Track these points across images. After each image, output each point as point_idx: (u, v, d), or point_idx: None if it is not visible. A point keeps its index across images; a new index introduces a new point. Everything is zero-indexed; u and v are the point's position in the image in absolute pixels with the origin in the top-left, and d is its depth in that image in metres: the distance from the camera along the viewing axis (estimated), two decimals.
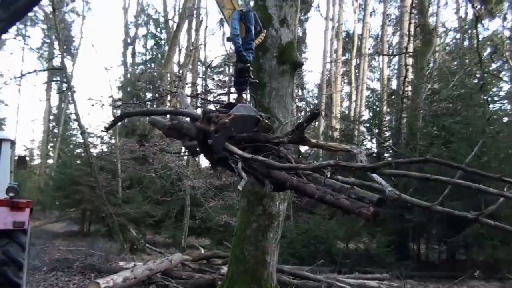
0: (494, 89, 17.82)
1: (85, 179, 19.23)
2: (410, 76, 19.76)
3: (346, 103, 35.37)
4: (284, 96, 8.61)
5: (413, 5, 17.77)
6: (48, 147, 39.63)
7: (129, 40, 35.97)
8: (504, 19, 24.88)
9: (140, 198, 19.67)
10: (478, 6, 19.81)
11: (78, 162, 22.01)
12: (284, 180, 4.03)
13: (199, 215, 18.44)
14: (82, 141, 19.35)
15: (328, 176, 4.01)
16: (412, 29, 17.38)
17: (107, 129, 7.04)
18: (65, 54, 26.43)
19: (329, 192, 3.53)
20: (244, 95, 5.67)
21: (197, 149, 5.28)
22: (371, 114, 23.79)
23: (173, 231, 19.65)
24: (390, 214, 14.62)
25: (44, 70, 31.69)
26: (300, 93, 31.93)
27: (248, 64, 5.30)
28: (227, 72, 25.96)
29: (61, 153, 30.09)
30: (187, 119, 5.64)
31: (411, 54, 19.66)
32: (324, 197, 3.52)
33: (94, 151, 21.72)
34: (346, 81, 35.86)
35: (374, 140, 21.05)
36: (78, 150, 24.15)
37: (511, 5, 24.19)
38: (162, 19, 34.29)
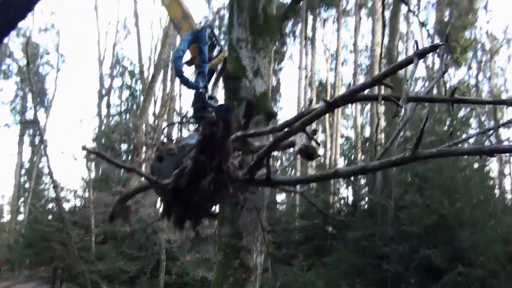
0: (464, 136, 18.18)
1: (57, 235, 18.67)
2: (383, 123, 20.09)
3: (321, 151, 35.64)
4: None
5: (382, 55, 18.27)
6: (19, 202, 38.58)
7: (104, 92, 35.98)
8: (469, 68, 25.80)
9: (114, 254, 19.13)
10: (445, 56, 20.56)
11: (50, 217, 21.45)
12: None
13: (175, 270, 17.96)
14: (54, 195, 18.92)
15: None
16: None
17: (85, 148, 6.48)
18: (38, 107, 26.18)
19: None
20: None
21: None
22: (346, 161, 23.98)
23: None
24: (368, 264, 14.49)
25: (16, 123, 31.32)
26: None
27: (201, 90, 4.67)
28: None
29: (32, 208, 29.33)
30: None
31: (382, 102, 20.01)
32: None
33: (66, 206, 21.22)
34: (320, 129, 36.30)
35: (349, 188, 21.11)
36: (50, 205, 23.62)
37: (475, 55, 25.14)
38: (137, 70, 34.53)
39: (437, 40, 18.43)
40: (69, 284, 20.22)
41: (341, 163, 26.20)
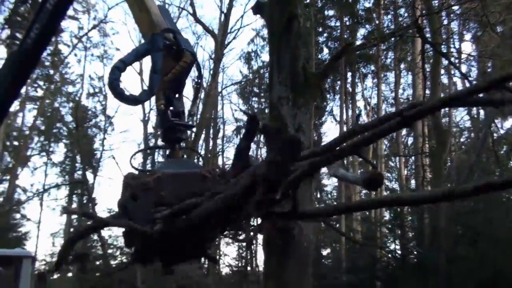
0: None
1: None
2: (428, 175, 19.75)
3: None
4: (303, 201, 8.65)
5: None
6: (68, 260, 39.21)
7: (148, 151, 36.92)
8: None
9: None
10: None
11: (97, 274, 21.75)
12: None
13: None
14: (101, 253, 19.28)
15: None
16: (426, 130, 17.68)
17: (66, 211, 5.09)
18: (86, 167, 27.13)
19: None
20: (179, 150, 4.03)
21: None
22: (392, 215, 23.47)
23: None
24: None
25: (66, 184, 32.34)
26: (319, 196, 31.90)
27: (162, 106, 3.86)
28: None
29: (80, 266, 29.72)
30: None
31: (427, 154, 19.79)
32: None
33: (113, 263, 21.52)
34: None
35: (397, 241, 20.60)
36: (97, 263, 23.96)
37: None
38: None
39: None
40: None
41: (386, 216, 25.67)
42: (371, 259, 19.79)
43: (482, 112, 23.94)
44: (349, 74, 32.13)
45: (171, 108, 3.87)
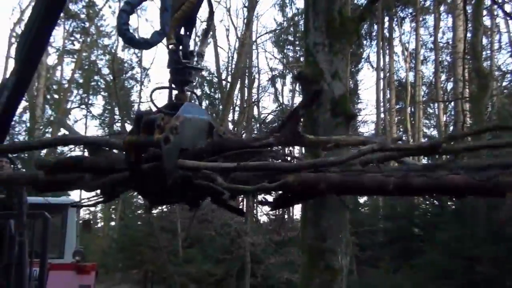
0: None
1: (146, 240, 19.56)
2: (469, 121, 19.27)
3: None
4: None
5: (466, 51, 17.57)
6: (111, 209, 40.76)
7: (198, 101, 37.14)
8: None
9: (200, 257, 19.72)
10: None
11: (139, 223, 22.49)
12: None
13: (260, 273, 18.22)
14: (143, 202, 19.85)
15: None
16: (466, 74, 17.10)
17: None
18: (125, 118, 27.60)
19: None
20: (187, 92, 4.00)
21: (121, 187, 3.53)
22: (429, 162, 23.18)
23: None
24: (459, 266, 13.93)
25: (106, 135, 33.00)
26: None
27: (173, 46, 3.65)
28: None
29: (123, 215, 30.87)
30: None
31: (467, 99, 19.25)
32: None
33: (154, 212, 22.17)
34: (401, 129, 35.33)
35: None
36: (139, 211, 24.72)
37: None
38: (216, 80, 35.45)
39: None
40: (159, 286, 21.11)
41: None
42: (409, 205, 19.74)
43: None
44: (386, 18, 31.11)
45: (181, 47, 3.69)
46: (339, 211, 7.03)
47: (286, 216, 26.22)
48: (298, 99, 29.33)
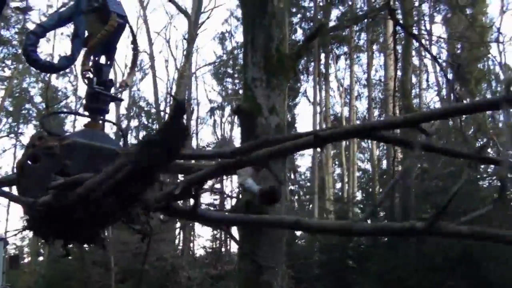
0: (482, 166, 18.05)
1: (77, 274, 18.79)
2: (399, 156, 20.08)
3: (338, 185, 35.52)
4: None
5: (396, 89, 18.46)
6: (39, 243, 38.83)
7: (120, 132, 36.47)
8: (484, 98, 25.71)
9: None
10: (458, 88, 20.62)
11: (70, 257, 21.57)
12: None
13: None
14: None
15: None
16: (397, 111, 17.92)
17: None
18: None
19: None
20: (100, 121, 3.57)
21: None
22: (363, 195, 23.90)
23: None
24: None
25: None
26: (292, 176, 32.18)
27: (89, 73, 3.41)
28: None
29: (52, 249, 29.51)
30: None
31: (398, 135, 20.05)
32: None
33: (86, 245, 21.37)
34: (337, 163, 36.27)
35: (368, 221, 20.96)
36: (70, 245, 23.71)
37: (488, 86, 25.19)
38: (154, 110, 35.14)
39: (450, 73, 18.59)
40: None
41: (358, 196, 26.09)
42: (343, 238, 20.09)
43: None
44: (322, 55, 32.22)
45: (97, 75, 3.48)
46: (276, 244, 7.09)
47: (223, 250, 26.00)
48: (236, 131, 29.55)
